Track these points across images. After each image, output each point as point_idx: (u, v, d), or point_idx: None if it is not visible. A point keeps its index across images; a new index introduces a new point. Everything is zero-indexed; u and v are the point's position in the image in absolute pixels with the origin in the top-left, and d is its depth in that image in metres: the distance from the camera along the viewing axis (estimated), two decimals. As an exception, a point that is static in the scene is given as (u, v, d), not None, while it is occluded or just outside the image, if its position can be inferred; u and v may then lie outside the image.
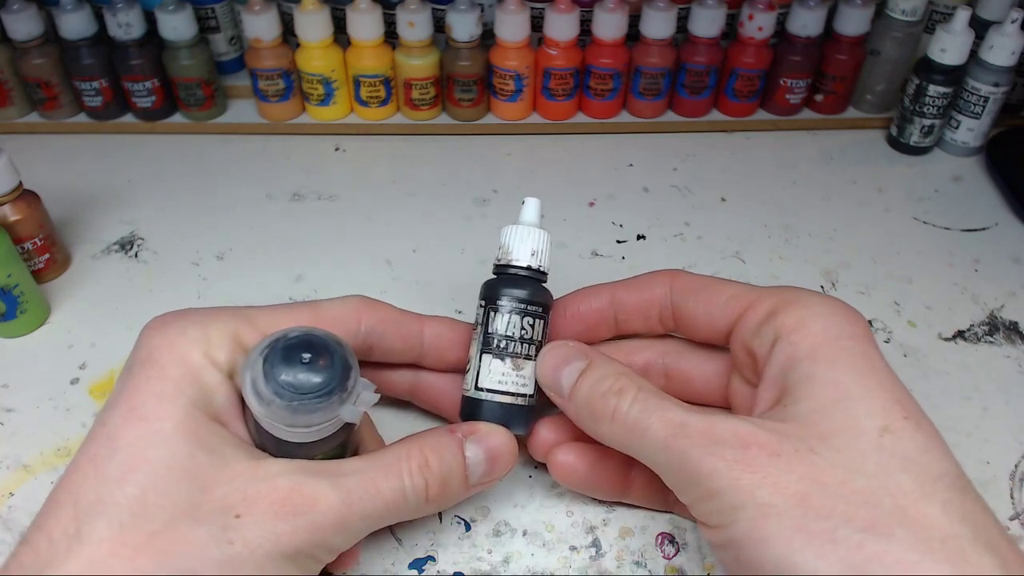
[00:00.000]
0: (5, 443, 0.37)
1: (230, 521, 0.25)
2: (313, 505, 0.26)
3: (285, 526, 0.25)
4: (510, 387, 0.32)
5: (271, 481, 0.26)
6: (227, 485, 0.25)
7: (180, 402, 0.26)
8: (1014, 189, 0.53)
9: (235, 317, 0.30)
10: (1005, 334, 0.44)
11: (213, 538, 0.24)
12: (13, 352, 0.42)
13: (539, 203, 0.34)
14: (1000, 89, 0.54)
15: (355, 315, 0.32)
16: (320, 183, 0.54)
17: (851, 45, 0.57)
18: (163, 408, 0.26)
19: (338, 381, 0.26)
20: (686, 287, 0.33)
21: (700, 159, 0.57)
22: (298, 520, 0.25)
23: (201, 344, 0.28)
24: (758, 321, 0.29)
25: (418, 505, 0.28)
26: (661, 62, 0.56)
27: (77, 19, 0.54)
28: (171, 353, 0.28)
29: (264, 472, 0.26)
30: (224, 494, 0.25)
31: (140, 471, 0.25)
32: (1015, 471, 0.37)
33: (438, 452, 0.29)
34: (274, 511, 0.25)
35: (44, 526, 0.24)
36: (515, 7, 0.54)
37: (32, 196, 0.44)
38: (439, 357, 0.34)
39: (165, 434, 0.26)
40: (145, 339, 0.28)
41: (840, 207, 0.53)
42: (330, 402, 0.26)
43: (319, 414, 0.26)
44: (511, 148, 0.58)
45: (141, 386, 0.27)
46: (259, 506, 0.25)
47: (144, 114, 0.58)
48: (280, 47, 0.56)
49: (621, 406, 0.28)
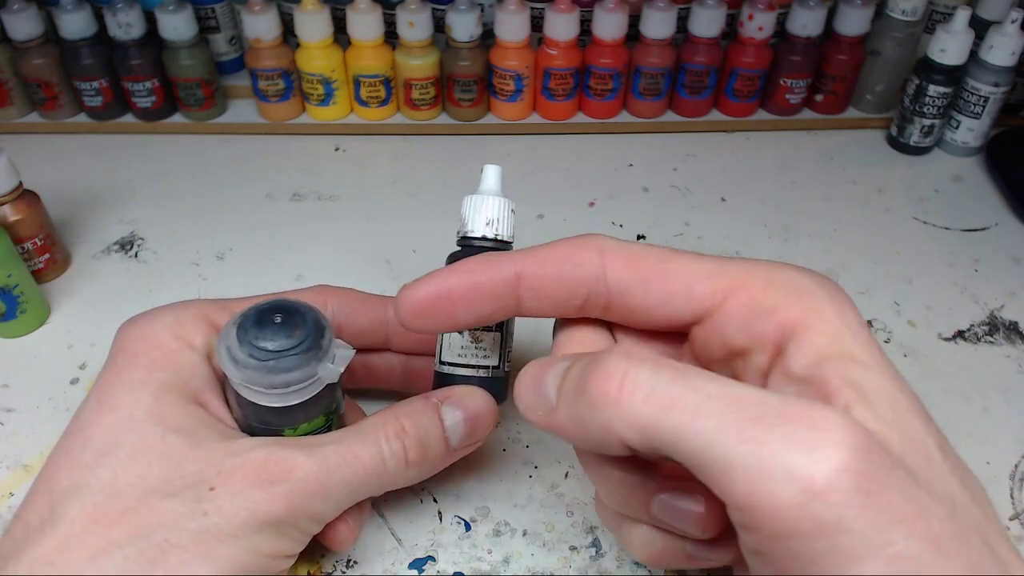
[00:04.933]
0: (5, 443, 0.37)
1: (204, 493, 0.25)
2: (289, 472, 0.26)
3: (261, 494, 0.25)
4: (470, 359, 0.31)
5: (245, 454, 0.26)
6: (201, 462, 0.26)
7: (151, 387, 0.27)
8: (1014, 189, 0.53)
9: (206, 303, 0.31)
10: (1005, 334, 0.44)
11: (187, 510, 0.24)
12: (13, 352, 0.42)
13: (499, 170, 0.33)
14: (1000, 89, 0.54)
15: (320, 298, 0.33)
16: (320, 183, 0.54)
17: (851, 45, 0.57)
18: (133, 395, 0.27)
19: (312, 339, 0.26)
20: (624, 267, 0.25)
21: (700, 159, 0.57)
22: (274, 488, 0.25)
23: (173, 328, 0.29)
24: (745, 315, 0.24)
25: (399, 470, 0.29)
26: (661, 62, 0.56)
27: (77, 19, 0.54)
28: (143, 340, 0.28)
29: (238, 447, 0.26)
30: (198, 469, 0.25)
31: (112, 455, 0.25)
32: (1015, 471, 0.37)
33: (413, 417, 0.29)
34: (249, 480, 0.25)
35: (21, 514, 0.25)
36: (515, 7, 0.54)
37: (32, 196, 0.44)
38: (406, 337, 0.34)
39: (136, 420, 0.26)
40: (118, 335, 0.29)
41: (840, 207, 0.53)
42: (307, 359, 0.26)
43: (296, 372, 0.26)
44: (511, 148, 0.58)
45: (111, 378, 0.27)
46: (234, 477, 0.25)
47: (144, 114, 0.58)
48: (280, 47, 0.56)
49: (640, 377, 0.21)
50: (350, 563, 0.33)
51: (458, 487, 0.36)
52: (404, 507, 0.35)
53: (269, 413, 0.27)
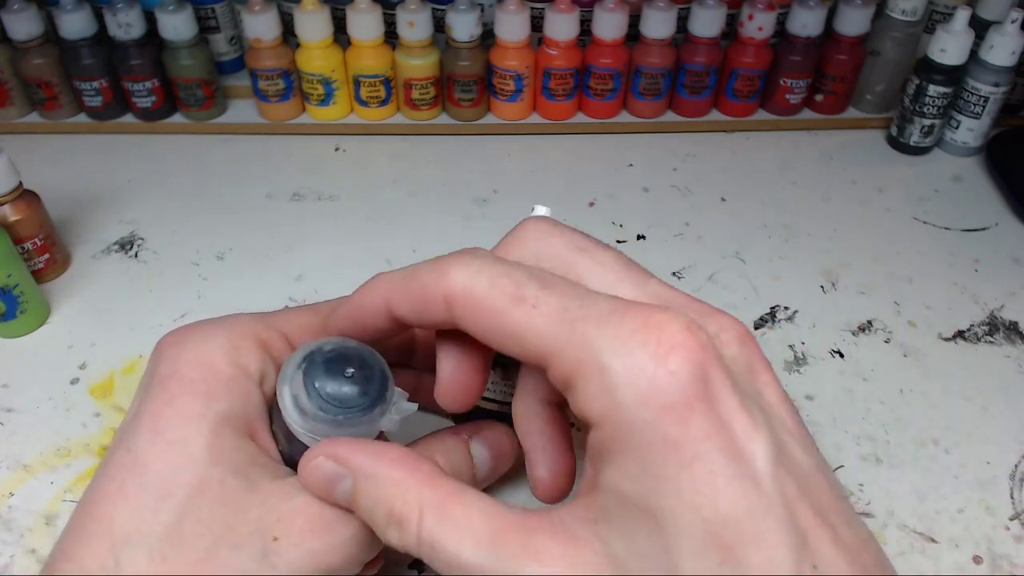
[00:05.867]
0: (5, 443, 0.37)
1: (269, 544, 0.24)
2: (345, 520, 0.26)
3: (320, 544, 0.25)
4: (497, 395, 0.33)
5: (301, 498, 0.26)
6: (260, 507, 0.25)
7: (209, 420, 0.26)
8: (1014, 189, 0.53)
9: (253, 320, 0.29)
10: (1005, 334, 0.44)
11: (255, 562, 0.24)
12: (13, 352, 0.42)
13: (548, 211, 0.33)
14: (1000, 89, 0.54)
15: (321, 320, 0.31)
16: (320, 183, 0.54)
17: (851, 45, 0.57)
18: (190, 429, 0.25)
19: (378, 393, 0.26)
20: (468, 316, 0.23)
21: (700, 159, 0.57)
22: (333, 537, 0.25)
23: (228, 351, 0.27)
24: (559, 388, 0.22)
25: None
26: (661, 62, 0.56)
27: (77, 19, 0.54)
28: (197, 366, 0.27)
29: (291, 489, 0.26)
30: (258, 516, 0.25)
31: (173, 497, 0.24)
32: (1015, 471, 0.37)
33: (447, 455, 0.29)
34: (310, 529, 0.25)
35: (76, 556, 0.24)
36: (515, 7, 0.54)
37: (32, 196, 0.44)
38: (430, 356, 0.34)
39: (194, 457, 0.25)
40: (166, 352, 0.27)
41: (840, 207, 0.53)
42: (372, 414, 0.26)
43: (362, 427, 0.26)
44: (511, 148, 0.58)
45: (165, 407, 0.26)
46: (295, 526, 0.25)
47: (144, 114, 0.58)
48: (280, 47, 0.56)
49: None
50: (350, 563, 0.33)
51: (458, 487, 0.36)
52: (404, 507, 0.35)
53: None
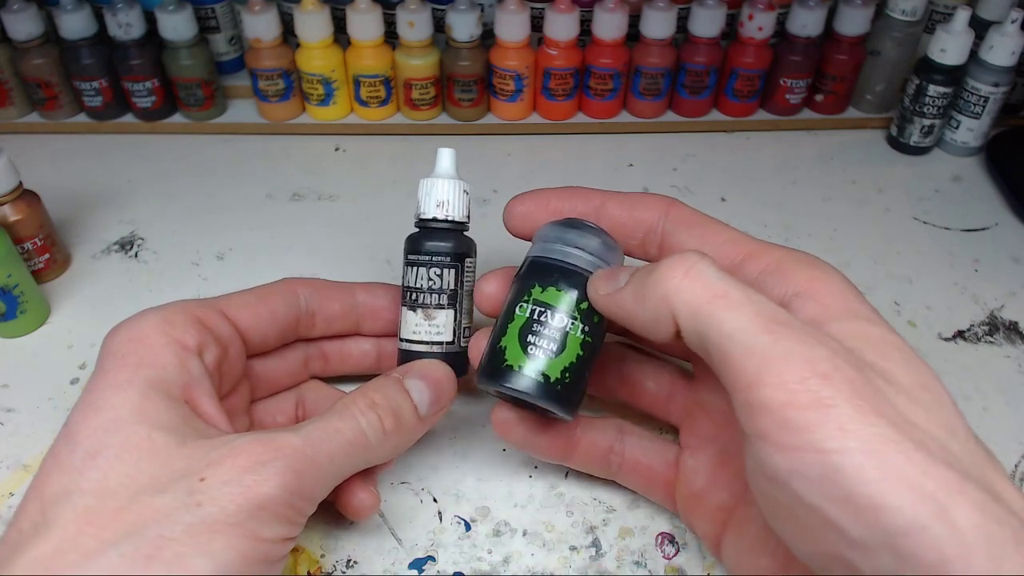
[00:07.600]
0: (5, 443, 0.37)
1: (195, 485, 0.25)
2: (278, 450, 0.26)
3: (253, 476, 0.25)
4: (423, 336, 0.34)
5: (232, 444, 0.26)
6: (188, 457, 0.26)
7: (136, 386, 0.27)
8: (1014, 189, 0.53)
9: (193, 303, 0.31)
10: (1005, 334, 0.44)
11: (180, 503, 0.24)
12: (13, 352, 0.42)
13: (452, 153, 0.35)
14: (1000, 89, 0.54)
15: (290, 288, 0.35)
16: (320, 183, 0.54)
17: (851, 45, 0.57)
18: (118, 396, 0.27)
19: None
20: (681, 218, 0.31)
21: (700, 159, 0.57)
22: (265, 468, 0.26)
23: (160, 326, 0.29)
24: (762, 270, 0.28)
25: (379, 440, 0.29)
26: (661, 62, 0.56)
27: (77, 19, 0.54)
28: (128, 341, 0.29)
29: (224, 440, 0.26)
30: (186, 465, 0.25)
31: (100, 456, 0.25)
32: (1015, 471, 0.37)
33: (381, 391, 0.31)
34: (239, 465, 0.25)
35: (14, 521, 0.25)
36: (515, 7, 0.54)
37: (32, 196, 0.44)
38: (375, 319, 0.37)
39: (122, 420, 0.26)
40: (106, 339, 0.29)
41: (840, 207, 0.53)
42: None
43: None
44: (511, 148, 0.58)
45: (98, 381, 0.28)
46: (224, 465, 0.25)
47: (144, 114, 0.58)
48: (280, 47, 0.56)
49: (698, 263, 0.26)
50: (350, 563, 0.33)
51: (458, 487, 0.36)
52: (404, 507, 0.35)
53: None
